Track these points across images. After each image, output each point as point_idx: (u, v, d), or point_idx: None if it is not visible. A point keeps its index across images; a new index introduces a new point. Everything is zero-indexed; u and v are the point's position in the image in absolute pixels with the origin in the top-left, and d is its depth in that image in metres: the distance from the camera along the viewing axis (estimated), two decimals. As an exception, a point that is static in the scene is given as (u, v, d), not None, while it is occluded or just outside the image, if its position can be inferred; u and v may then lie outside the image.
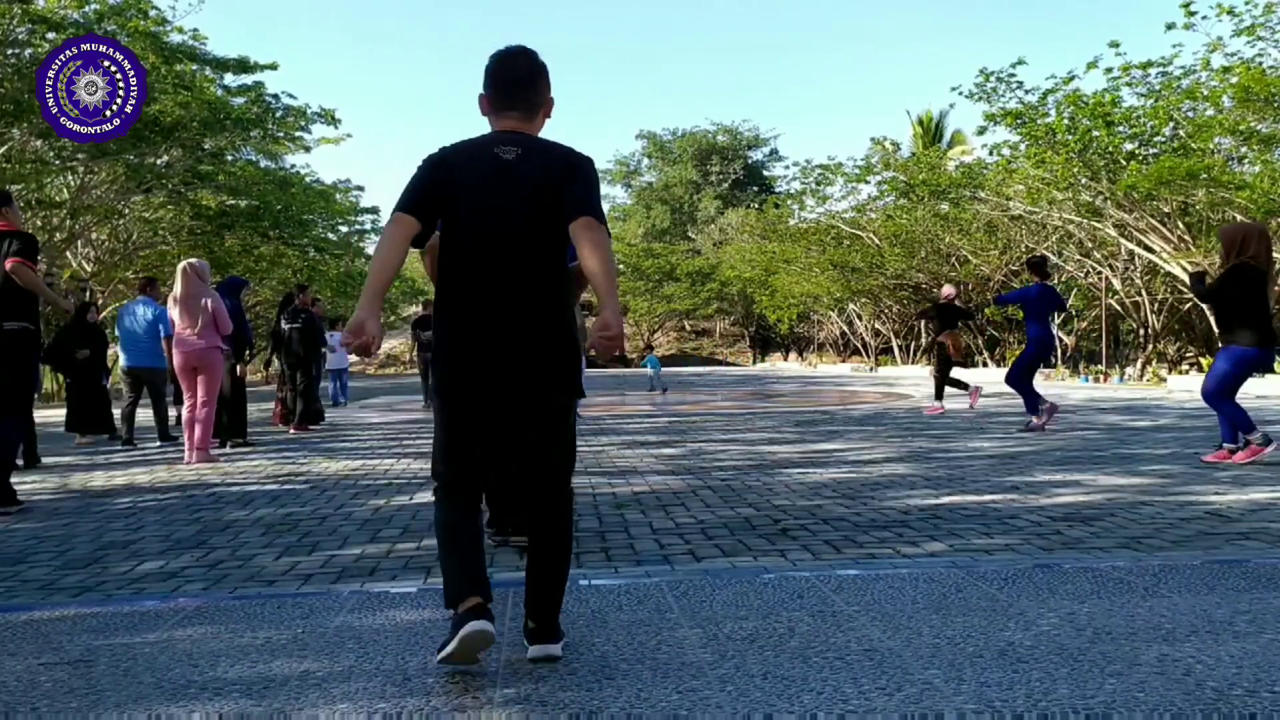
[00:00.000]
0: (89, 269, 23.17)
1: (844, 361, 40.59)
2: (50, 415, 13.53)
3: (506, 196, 2.49)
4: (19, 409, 5.64)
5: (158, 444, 9.48)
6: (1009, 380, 9.28)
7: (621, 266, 50.66)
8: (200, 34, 18.32)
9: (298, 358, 10.84)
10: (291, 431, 10.56)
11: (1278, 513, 4.59)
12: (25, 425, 5.94)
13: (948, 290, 13.10)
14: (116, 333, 9.53)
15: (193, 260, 8.34)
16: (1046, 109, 18.76)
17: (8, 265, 5.44)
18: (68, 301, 8.35)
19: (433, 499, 2.57)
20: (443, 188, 2.51)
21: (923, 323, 33.66)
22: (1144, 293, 22.53)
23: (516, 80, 2.59)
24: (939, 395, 11.55)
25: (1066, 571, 3.39)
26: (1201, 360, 20.25)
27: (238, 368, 9.25)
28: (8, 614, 3.15)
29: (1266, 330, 6.28)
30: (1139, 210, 19.53)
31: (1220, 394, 6.35)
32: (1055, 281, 24.25)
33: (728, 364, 50.07)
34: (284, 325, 11.03)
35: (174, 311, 7.99)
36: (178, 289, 7.97)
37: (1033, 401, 9.00)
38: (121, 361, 9.72)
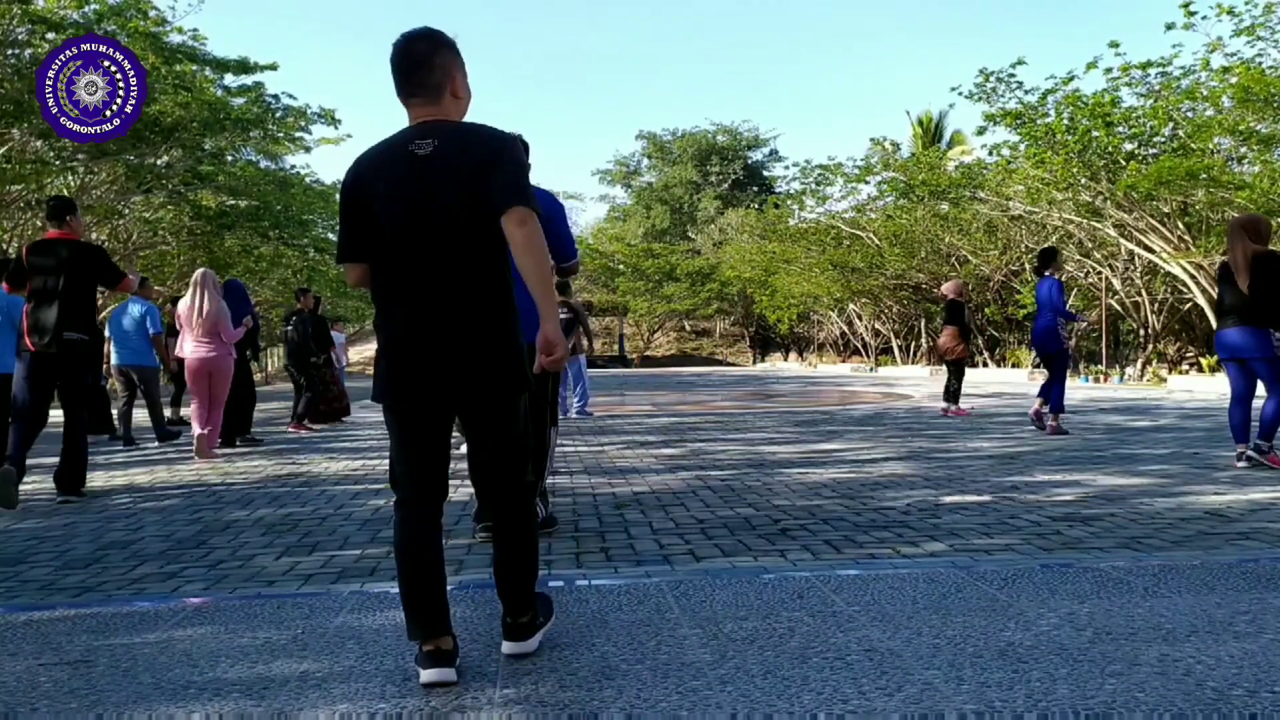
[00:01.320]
0: (89, 269, 23.16)
1: (844, 361, 40.56)
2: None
3: (426, 195, 2.37)
4: (78, 416, 5.90)
5: (156, 444, 9.46)
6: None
7: (621, 266, 50.67)
8: (200, 34, 18.32)
9: (293, 358, 11.03)
10: (291, 430, 10.58)
11: (1278, 513, 4.59)
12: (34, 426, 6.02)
13: (946, 286, 12.99)
14: (108, 333, 9.53)
15: (207, 269, 8.66)
16: (1046, 109, 18.74)
17: (124, 286, 6.28)
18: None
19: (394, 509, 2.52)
20: (363, 209, 2.43)
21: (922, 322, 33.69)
22: (1144, 293, 22.51)
23: (411, 64, 2.45)
24: (954, 398, 11.41)
25: (1066, 571, 3.39)
26: (1202, 360, 20.24)
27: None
28: (8, 614, 3.15)
29: (1231, 315, 6.19)
30: (1139, 210, 19.52)
31: (1236, 396, 6.28)
32: (1033, 284, 24.21)
33: (728, 364, 50.05)
34: (284, 327, 11.24)
35: (188, 318, 8.19)
36: (196, 297, 8.18)
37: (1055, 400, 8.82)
38: (113, 360, 9.72)
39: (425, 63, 2.44)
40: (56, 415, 6.03)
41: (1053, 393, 8.69)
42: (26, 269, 5.85)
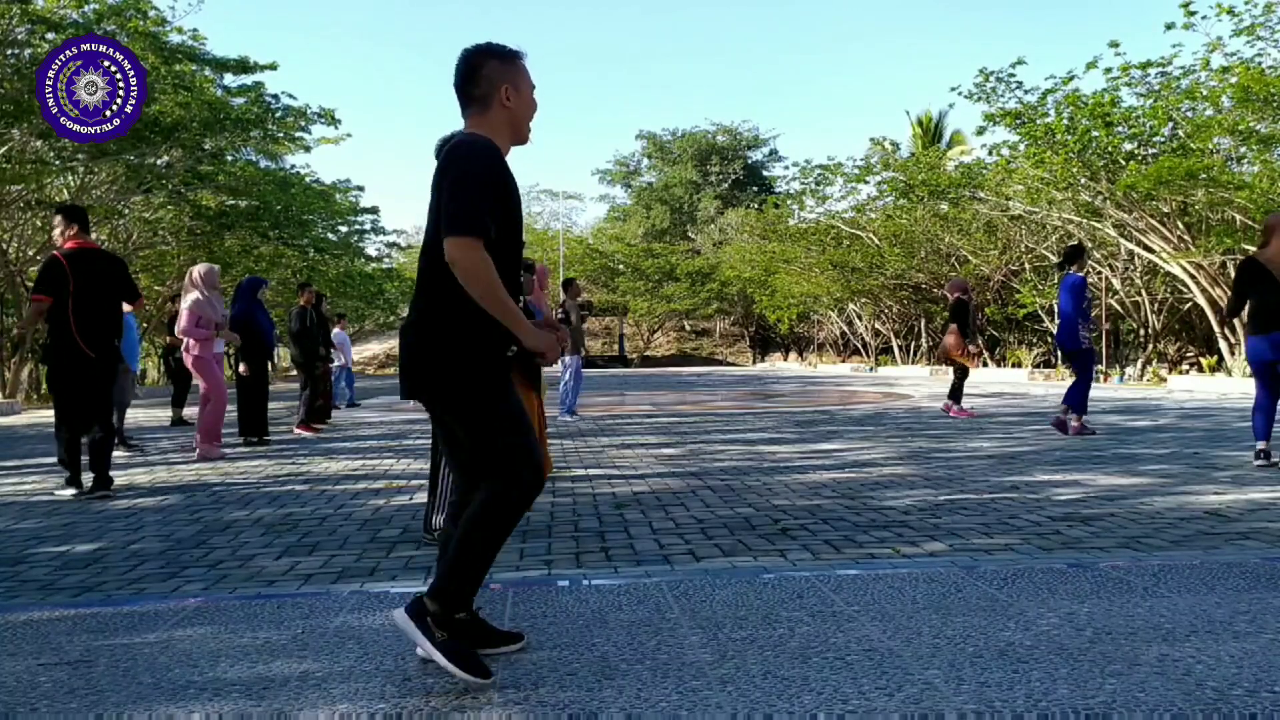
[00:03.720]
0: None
1: (844, 361, 40.56)
2: (49, 415, 13.33)
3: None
4: (107, 413, 6.10)
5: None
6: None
7: (621, 266, 50.65)
8: (200, 34, 18.31)
9: (295, 358, 11.04)
10: (296, 431, 10.56)
11: (1278, 513, 4.59)
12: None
13: (947, 287, 12.86)
14: None
15: (196, 265, 8.55)
16: (1046, 109, 18.75)
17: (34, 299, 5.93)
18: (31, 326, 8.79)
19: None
20: None
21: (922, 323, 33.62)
22: (1144, 293, 22.51)
23: (460, 78, 2.57)
24: (956, 398, 11.31)
25: (1066, 571, 3.39)
26: (1202, 360, 20.24)
27: (242, 365, 9.33)
28: (8, 614, 3.15)
29: (1263, 318, 6.13)
30: (1138, 210, 19.52)
31: (1260, 394, 6.24)
32: (1057, 281, 24.22)
33: (728, 364, 50.04)
34: (289, 325, 11.26)
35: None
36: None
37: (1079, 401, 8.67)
38: None
39: (468, 80, 2.56)
40: (50, 415, 6.04)
41: (1074, 391, 8.55)
42: (73, 278, 5.81)
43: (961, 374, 11.19)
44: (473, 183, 2.37)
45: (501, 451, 2.40)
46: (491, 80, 2.54)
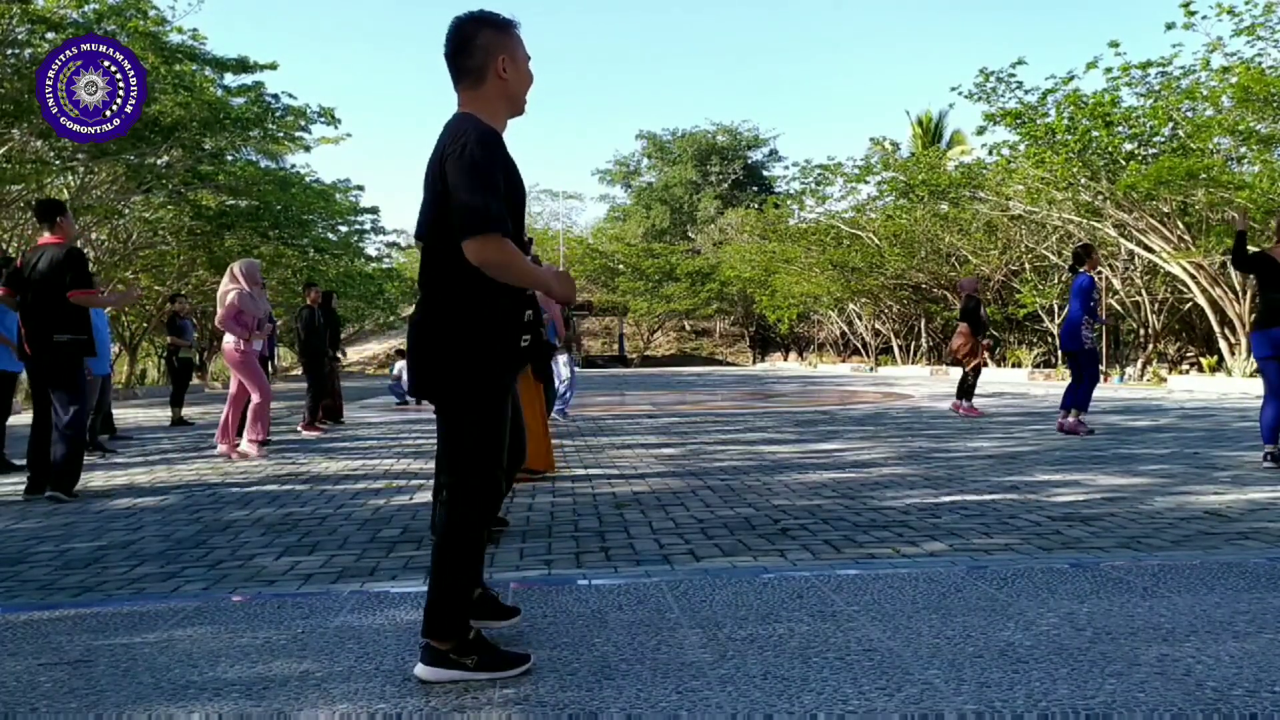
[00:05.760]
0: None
1: (844, 361, 40.54)
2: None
3: (424, 191, 2.48)
4: (79, 420, 5.85)
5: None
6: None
7: (621, 266, 50.67)
8: (200, 34, 18.29)
9: (304, 352, 10.99)
10: (301, 431, 10.56)
11: (1278, 513, 4.59)
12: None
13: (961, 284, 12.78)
14: None
15: (236, 261, 8.51)
16: (1046, 109, 18.75)
17: (71, 298, 5.76)
18: (130, 295, 9.04)
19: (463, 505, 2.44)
20: None
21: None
22: (1144, 293, 22.51)
23: (452, 49, 2.46)
24: (968, 396, 11.30)
25: (1066, 571, 3.39)
26: (1202, 360, 20.23)
27: None
28: (8, 614, 3.15)
29: (1266, 314, 6.19)
30: (1138, 210, 19.51)
31: (1269, 391, 6.22)
32: (1057, 281, 24.23)
33: (728, 364, 50.03)
34: (294, 323, 11.24)
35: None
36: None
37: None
38: None
39: (459, 51, 2.45)
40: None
41: (1080, 391, 8.59)
42: (23, 276, 5.94)
43: (973, 373, 11.20)
44: (484, 177, 2.27)
45: (472, 463, 2.38)
46: (487, 51, 2.42)
